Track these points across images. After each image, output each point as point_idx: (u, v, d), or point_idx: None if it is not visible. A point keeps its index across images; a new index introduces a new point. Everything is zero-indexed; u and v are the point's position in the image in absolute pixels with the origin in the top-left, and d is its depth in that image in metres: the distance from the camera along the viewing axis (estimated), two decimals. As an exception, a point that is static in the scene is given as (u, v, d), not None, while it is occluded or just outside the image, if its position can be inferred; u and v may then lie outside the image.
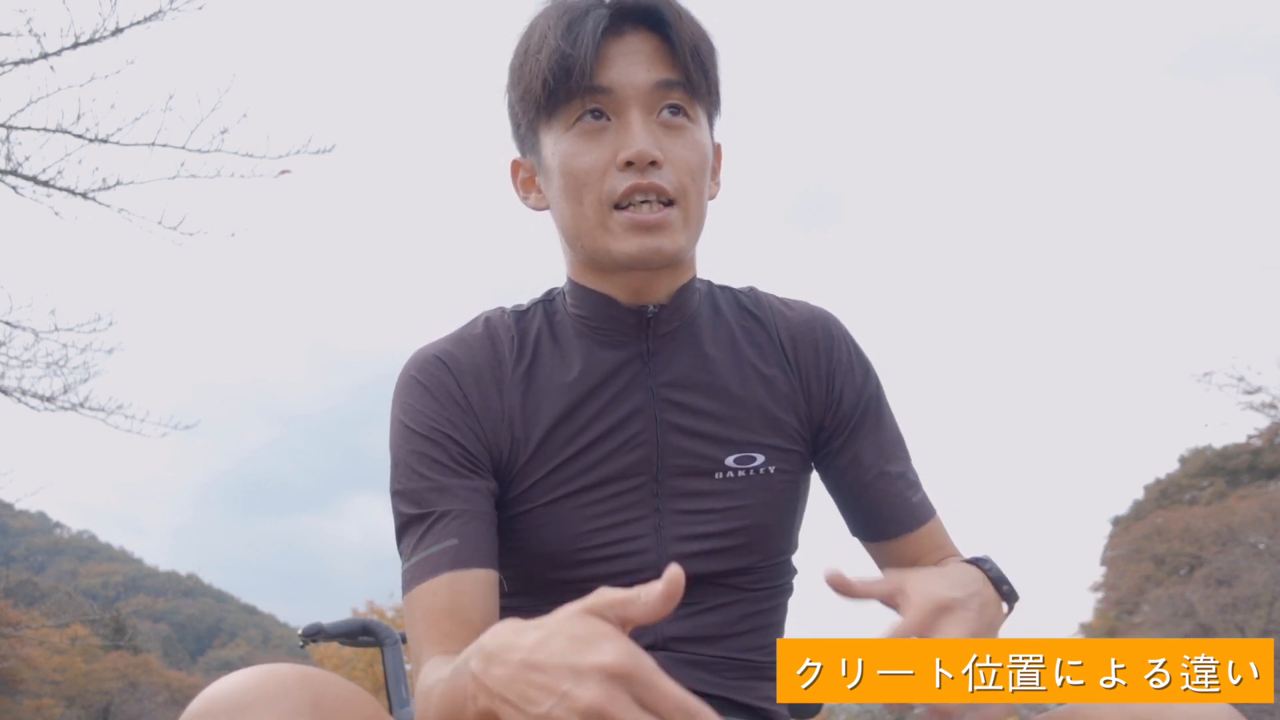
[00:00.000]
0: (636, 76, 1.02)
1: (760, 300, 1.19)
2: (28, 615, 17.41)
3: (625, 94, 1.02)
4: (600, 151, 1.02)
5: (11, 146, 7.17)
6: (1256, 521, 19.84)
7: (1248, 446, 24.07)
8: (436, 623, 1.00)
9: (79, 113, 7.07)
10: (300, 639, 1.92)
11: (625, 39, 1.03)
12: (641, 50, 1.03)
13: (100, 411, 8.58)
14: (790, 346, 1.15)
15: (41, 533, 57.56)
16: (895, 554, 1.14)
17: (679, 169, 1.02)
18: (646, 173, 1.00)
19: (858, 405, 1.14)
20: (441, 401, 1.08)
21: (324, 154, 7.62)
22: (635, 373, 1.09)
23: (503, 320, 1.14)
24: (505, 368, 1.11)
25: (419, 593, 1.02)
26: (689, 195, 1.03)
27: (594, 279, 1.10)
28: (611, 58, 1.02)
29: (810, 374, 1.14)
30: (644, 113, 1.02)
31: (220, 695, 0.82)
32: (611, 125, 1.02)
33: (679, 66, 1.03)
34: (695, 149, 1.04)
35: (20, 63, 6.94)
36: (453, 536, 1.02)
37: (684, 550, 1.07)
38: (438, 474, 1.05)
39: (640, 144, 1.00)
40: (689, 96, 1.04)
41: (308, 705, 0.82)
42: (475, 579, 1.02)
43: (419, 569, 1.02)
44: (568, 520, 1.07)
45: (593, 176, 1.02)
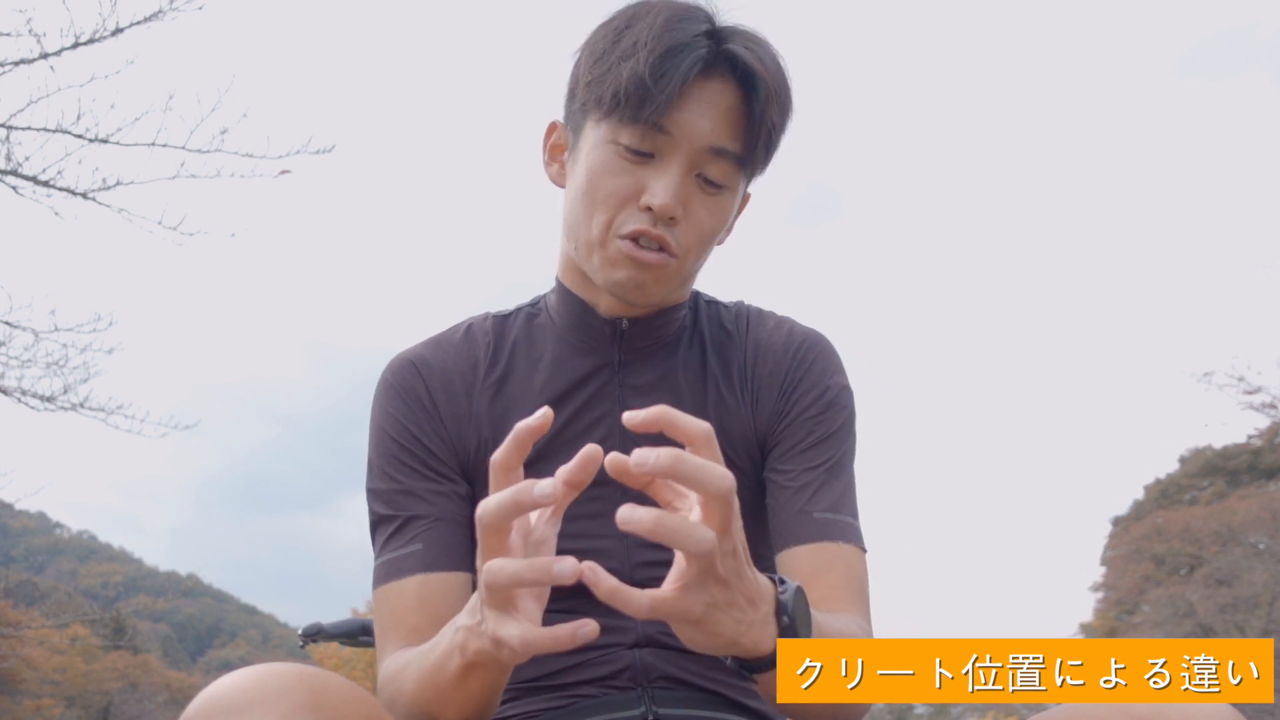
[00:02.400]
0: (699, 131, 0.98)
1: (740, 317, 1.18)
2: (28, 615, 17.44)
3: (680, 143, 0.99)
4: (630, 181, 1.00)
5: (11, 146, 7.16)
6: (1256, 521, 19.83)
7: (1248, 446, 24.06)
8: (401, 620, 1.03)
9: (79, 113, 7.05)
10: (300, 639, 1.93)
11: (711, 82, 0.99)
12: (718, 103, 0.99)
13: (100, 411, 8.58)
14: (753, 358, 1.14)
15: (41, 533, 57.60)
16: (786, 567, 1.05)
17: (693, 231, 1.02)
18: (660, 224, 1.00)
19: (800, 418, 1.11)
20: (410, 406, 1.10)
21: (324, 154, 7.61)
22: (604, 382, 1.11)
23: (483, 326, 1.17)
24: (478, 372, 1.13)
25: (386, 592, 1.05)
26: (691, 255, 1.03)
27: (578, 280, 1.11)
28: (687, 100, 0.98)
29: (764, 384, 1.13)
30: (687, 168, 1.00)
31: (220, 694, 0.83)
32: (653, 163, 1.00)
33: (745, 140, 1.00)
34: (718, 215, 1.03)
35: (20, 63, 6.93)
36: (418, 541, 1.06)
37: (651, 558, 1.07)
38: (406, 477, 1.08)
39: (666, 198, 0.99)
40: (737, 169, 1.02)
41: (308, 704, 0.82)
42: (445, 581, 1.05)
43: (386, 569, 1.06)
44: None
45: (614, 201, 1.01)
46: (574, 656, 1.07)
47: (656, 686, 1.06)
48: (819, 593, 1.01)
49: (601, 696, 1.06)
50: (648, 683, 1.06)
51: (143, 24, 7.07)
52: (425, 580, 1.04)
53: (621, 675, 1.06)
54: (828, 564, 1.04)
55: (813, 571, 1.04)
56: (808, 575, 1.03)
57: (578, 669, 1.07)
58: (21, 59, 6.92)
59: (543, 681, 1.09)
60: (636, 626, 1.07)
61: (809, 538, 1.05)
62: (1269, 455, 23.32)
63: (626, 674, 1.06)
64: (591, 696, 1.06)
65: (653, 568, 1.07)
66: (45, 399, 8.46)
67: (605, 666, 1.06)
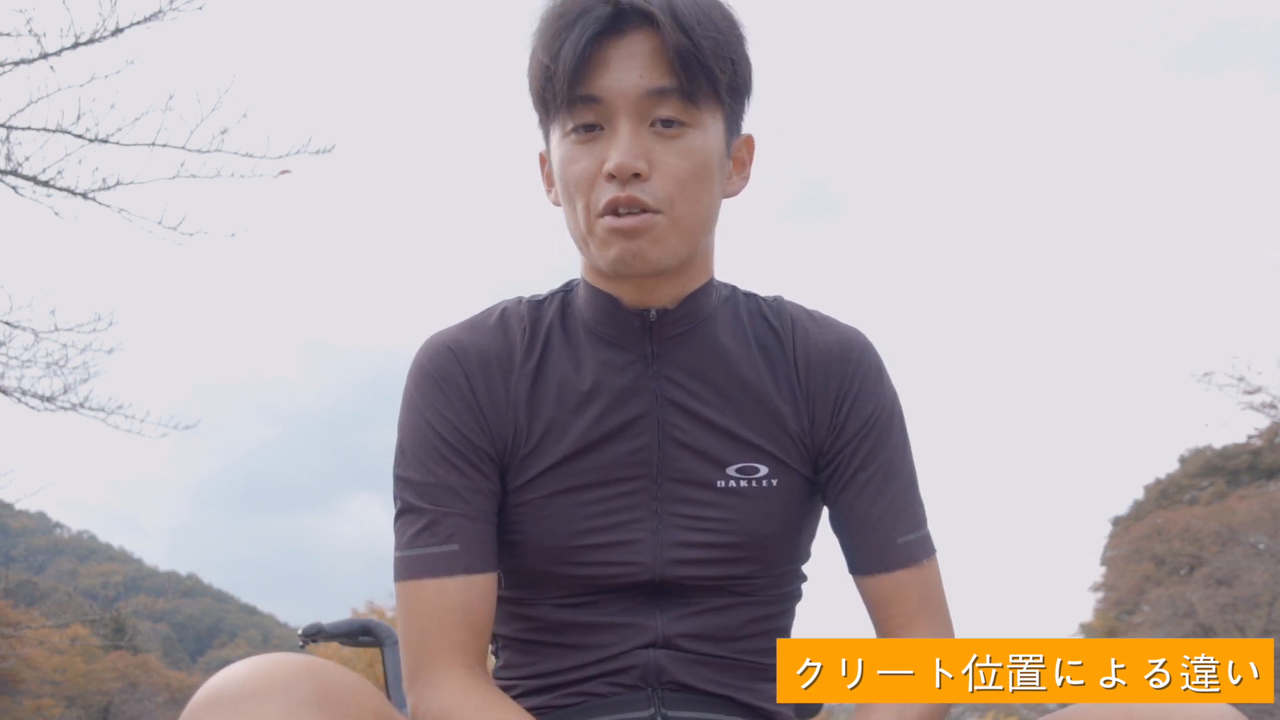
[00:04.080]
0: (628, 84, 0.98)
1: (784, 313, 1.16)
2: (28, 615, 17.42)
3: (615, 103, 0.99)
4: (590, 160, 1.00)
5: (11, 146, 7.15)
6: (1256, 521, 19.81)
7: (1248, 446, 24.04)
8: (447, 628, 1.01)
9: (79, 113, 7.04)
10: (300, 639, 1.93)
11: (626, 38, 0.98)
12: (640, 52, 0.98)
13: (100, 411, 8.57)
14: (804, 366, 1.12)
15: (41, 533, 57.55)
16: (869, 591, 1.10)
17: (667, 179, 1.00)
18: (628, 185, 0.99)
19: (859, 435, 1.10)
20: (450, 396, 1.08)
21: (324, 154, 7.61)
22: (638, 375, 1.09)
23: (518, 310, 1.14)
24: (515, 358, 1.10)
25: (418, 588, 1.03)
26: (676, 204, 1.00)
27: (600, 279, 1.10)
28: (607, 61, 0.98)
29: (818, 396, 1.11)
30: (635, 121, 0.99)
31: (227, 684, 0.83)
32: (603, 133, 1.00)
33: (680, 72, 0.98)
34: (689, 155, 1.01)
35: (20, 63, 6.92)
36: (455, 541, 1.03)
37: (681, 555, 1.07)
38: (445, 471, 1.06)
39: (621, 157, 0.98)
40: (687, 103, 1.00)
41: (315, 695, 0.82)
42: (483, 585, 1.04)
43: (418, 564, 1.03)
44: (566, 516, 1.07)
45: (584, 185, 1.01)
46: (587, 654, 1.07)
47: (667, 688, 1.06)
48: (899, 620, 1.08)
49: (611, 696, 1.06)
50: (658, 684, 1.06)
51: (143, 24, 7.07)
52: (468, 584, 1.03)
53: (632, 675, 1.06)
54: (911, 587, 1.09)
55: (896, 598, 1.08)
56: (892, 600, 1.08)
57: (590, 667, 1.07)
58: (21, 59, 6.92)
59: (554, 679, 1.09)
60: (655, 627, 1.07)
61: (895, 565, 1.09)
62: (1269, 455, 23.30)
63: (637, 674, 1.06)
64: (601, 695, 1.06)
65: (683, 565, 1.07)
66: (45, 399, 8.45)
67: (617, 666, 1.06)
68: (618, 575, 1.07)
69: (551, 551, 1.07)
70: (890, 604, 1.08)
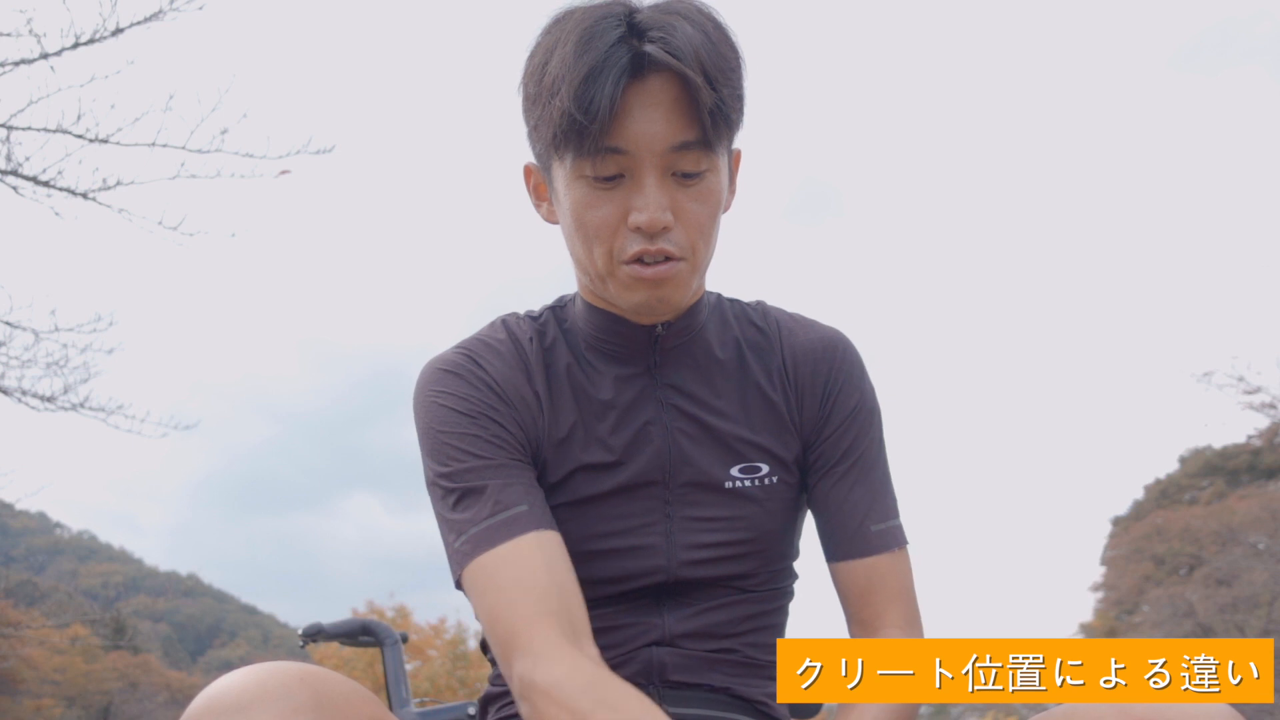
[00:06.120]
0: (654, 137, 0.96)
1: (769, 316, 1.19)
2: (28, 615, 17.44)
3: (640, 156, 0.97)
4: (612, 208, 0.99)
5: (11, 146, 7.17)
6: (1256, 521, 19.84)
7: (1248, 446, 24.09)
8: (535, 593, 0.95)
9: (79, 113, 7.06)
10: (300, 639, 1.93)
11: (647, 85, 0.96)
12: (662, 101, 0.96)
13: (100, 411, 8.58)
14: (792, 362, 1.15)
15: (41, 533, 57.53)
16: (843, 578, 1.12)
17: (690, 227, 1.01)
18: (656, 238, 0.99)
19: (842, 426, 1.14)
20: (478, 388, 1.07)
21: (324, 154, 7.62)
22: (644, 385, 1.11)
23: (519, 322, 1.15)
24: (530, 359, 1.11)
25: (495, 558, 0.97)
26: (698, 250, 1.02)
27: (604, 301, 1.10)
28: (630, 110, 0.96)
29: (806, 391, 1.14)
30: (659, 174, 0.98)
31: (222, 693, 0.83)
32: (625, 182, 0.99)
33: (702, 124, 0.97)
34: (707, 200, 1.01)
35: (20, 63, 6.93)
36: (522, 503, 1.01)
37: (694, 556, 1.09)
38: (489, 453, 1.03)
39: (652, 211, 0.97)
40: (708, 152, 0.99)
41: (309, 704, 0.83)
42: (560, 543, 1.00)
43: (493, 532, 0.99)
44: (584, 522, 1.08)
45: (604, 232, 1.00)
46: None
47: (668, 685, 1.07)
48: (873, 608, 1.09)
49: None
50: (660, 681, 1.07)
51: (143, 24, 7.08)
52: (544, 540, 0.98)
53: (635, 672, 1.07)
54: (882, 577, 1.10)
55: (869, 586, 1.10)
56: (863, 589, 1.10)
57: None
58: (22, 59, 6.93)
59: None
60: (660, 626, 1.08)
61: (868, 551, 1.10)
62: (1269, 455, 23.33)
63: (640, 672, 1.07)
64: None
65: (697, 566, 1.09)
66: (45, 399, 8.46)
67: (620, 661, 1.07)
68: (633, 579, 1.08)
69: (572, 556, 1.06)
70: (862, 593, 1.10)
